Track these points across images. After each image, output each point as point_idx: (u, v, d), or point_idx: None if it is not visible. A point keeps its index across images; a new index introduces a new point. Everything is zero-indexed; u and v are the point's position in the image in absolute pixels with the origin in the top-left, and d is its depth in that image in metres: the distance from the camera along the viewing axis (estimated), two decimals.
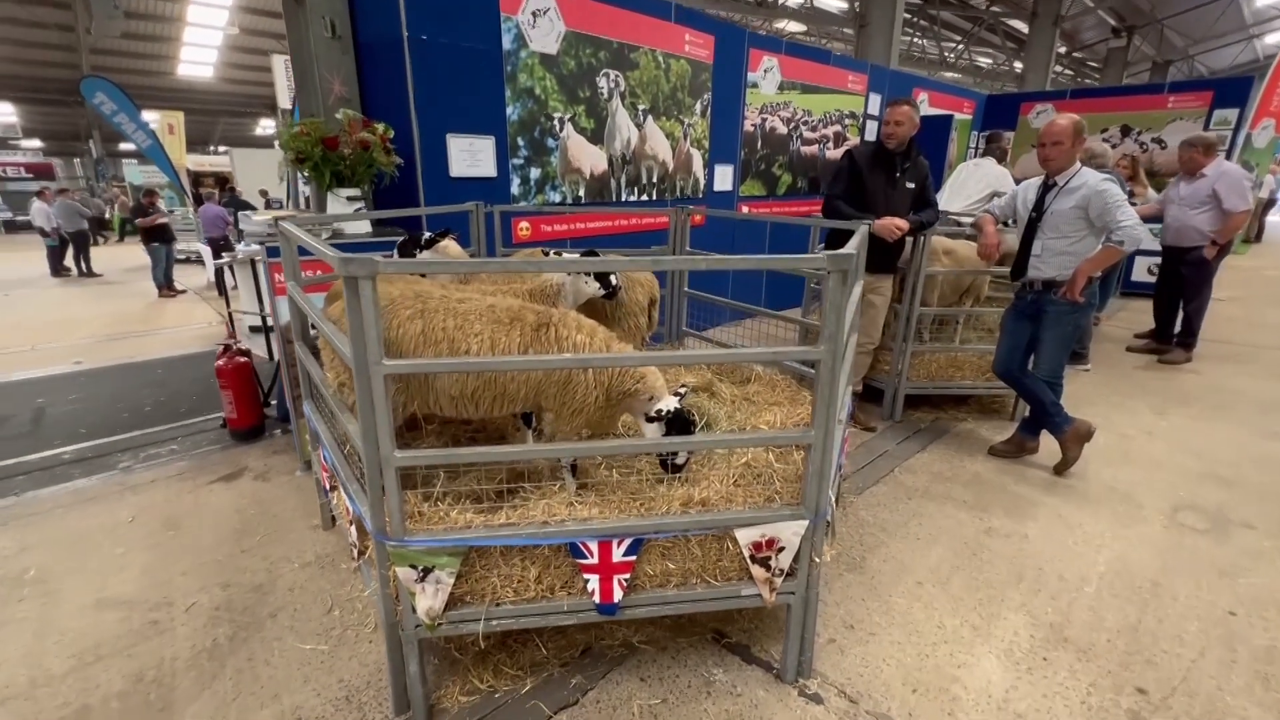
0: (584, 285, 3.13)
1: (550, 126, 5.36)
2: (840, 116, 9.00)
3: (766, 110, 7.81)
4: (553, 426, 2.64)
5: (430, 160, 4.56)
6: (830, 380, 2.09)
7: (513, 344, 2.42)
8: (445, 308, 2.44)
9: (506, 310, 2.50)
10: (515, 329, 2.45)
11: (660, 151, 6.46)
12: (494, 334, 2.41)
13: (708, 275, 6.99)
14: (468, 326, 2.40)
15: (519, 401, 2.51)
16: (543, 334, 2.46)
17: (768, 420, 3.19)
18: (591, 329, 2.55)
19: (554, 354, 2.42)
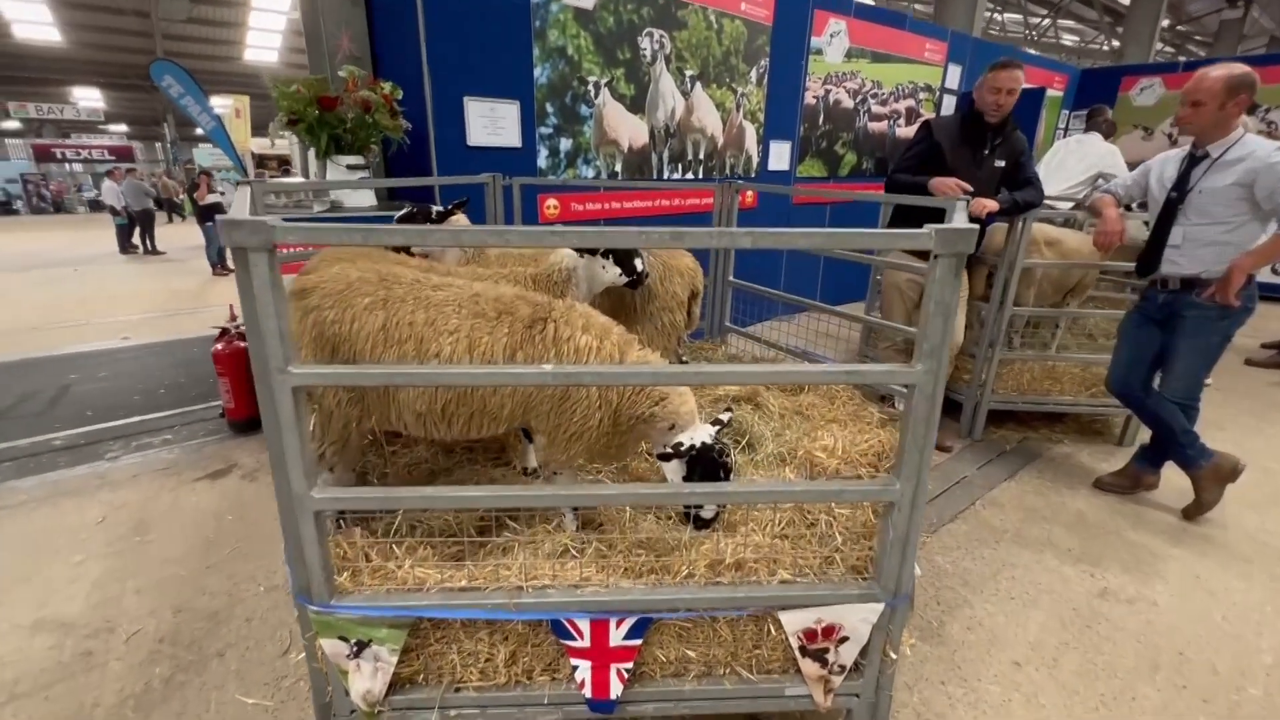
0: (600, 270, 2.55)
1: (584, 92, 4.78)
2: (914, 90, 8.07)
3: (831, 80, 7.01)
4: (545, 453, 2.08)
5: (445, 126, 4.05)
6: (928, 413, 1.44)
7: (497, 345, 1.86)
8: (415, 295, 1.90)
9: (495, 301, 1.95)
10: (502, 325, 1.89)
11: (709, 124, 5.79)
12: (474, 331, 1.87)
13: (757, 262, 6.30)
14: (441, 321, 1.86)
15: (504, 420, 1.96)
16: (537, 333, 1.89)
17: (825, 446, 2.53)
18: (603, 329, 1.97)
19: (548, 360, 1.85)
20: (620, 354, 1.94)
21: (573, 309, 2.00)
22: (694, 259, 3.14)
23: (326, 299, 1.84)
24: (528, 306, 1.96)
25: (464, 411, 1.90)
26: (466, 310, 1.90)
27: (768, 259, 6.89)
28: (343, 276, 1.90)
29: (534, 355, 1.88)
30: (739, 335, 4.20)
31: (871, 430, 2.69)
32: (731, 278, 4.11)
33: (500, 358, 1.86)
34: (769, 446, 2.77)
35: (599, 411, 1.91)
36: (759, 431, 2.89)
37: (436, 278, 2.02)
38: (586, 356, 1.88)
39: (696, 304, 3.12)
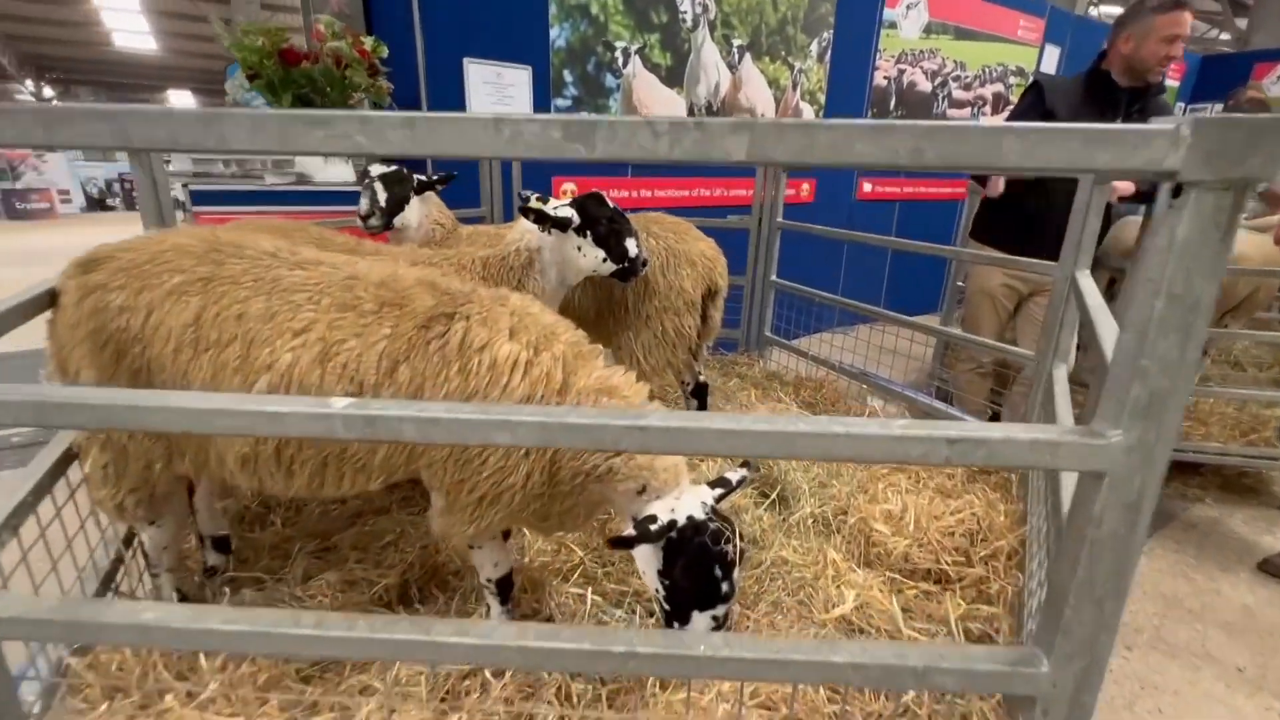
0: (575, 252, 1.87)
1: (610, 59, 4.12)
2: (1003, 73, 7.06)
3: (906, 59, 6.12)
4: (443, 520, 1.40)
5: (441, 92, 3.47)
6: (1129, 531, 0.66)
7: (368, 354, 1.22)
8: (257, 276, 1.27)
9: (379, 287, 1.31)
10: (382, 324, 1.24)
11: (758, 102, 5.03)
12: (335, 332, 1.21)
13: (810, 258, 5.43)
14: (286, 315, 1.23)
15: (376, 472, 1.30)
16: (434, 337, 1.22)
17: (889, 513, 1.75)
18: (544, 333, 1.30)
19: (447, 378, 1.17)
20: (564, 373, 1.25)
21: (501, 302, 1.33)
22: (712, 245, 2.42)
23: (117, 276, 1.23)
24: (429, 296, 1.31)
25: (311, 458, 1.26)
26: (331, 300, 1.26)
27: (821, 255, 6.03)
28: (151, 243, 1.28)
29: (425, 372, 1.21)
30: (782, 349, 3.42)
31: (958, 489, 1.89)
32: (775, 277, 3.35)
33: (372, 374, 1.21)
34: (807, 504, 2.01)
35: (525, 464, 1.21)
36: (794, 481, 2.13)
37: (307, 252, 1.38)
38: (508, 375, 1.20)
39: (716, 305, 2.39)
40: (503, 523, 1.37)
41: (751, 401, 2.84)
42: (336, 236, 1.99)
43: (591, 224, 1.91)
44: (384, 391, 1.22)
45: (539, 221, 1.85)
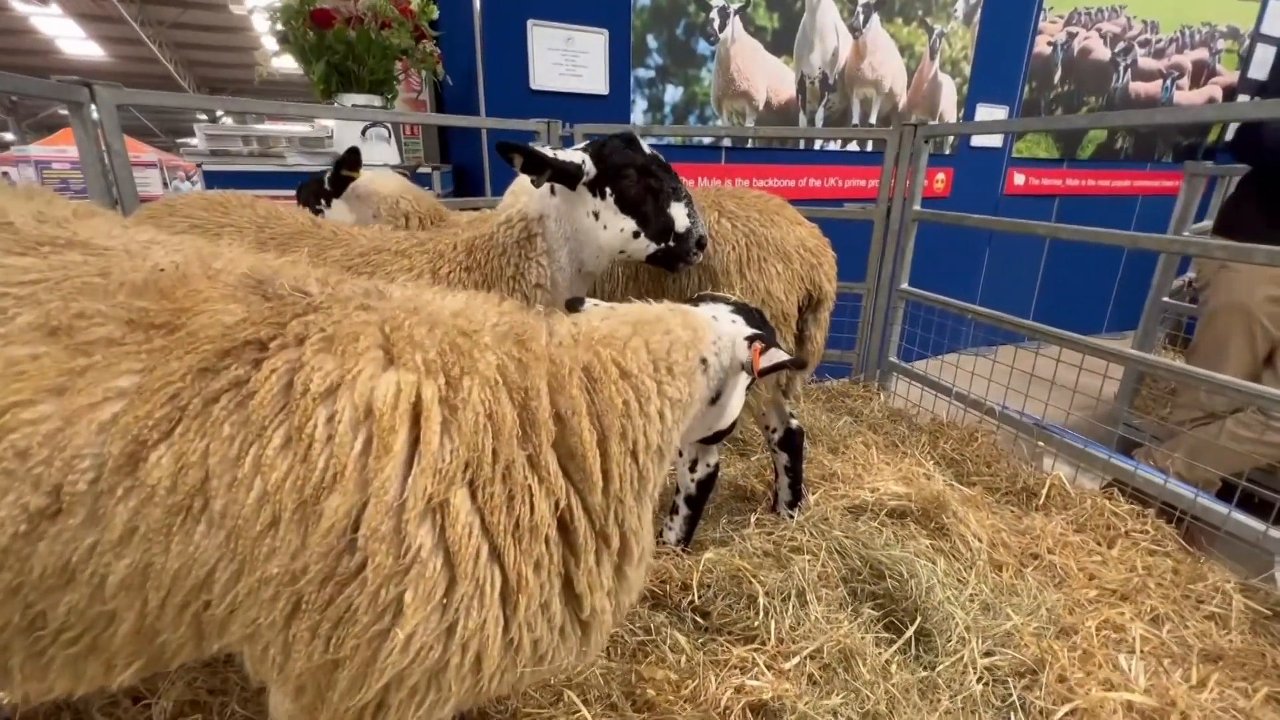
0: (589, 220, 1.28)
1: (704, 21, 3.46)
2: (1209, 35, 5.63)
3: (1079, 19, 4.97)
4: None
5: (499, 61, 2.97)
6: None
7: (81, 432, 0.65)
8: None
9: (147, 291, 0.72)
10: (123, 364, 0.67)
11: (887, 74, 4.15)
12: (29, 363, 0.64)
13: (939, 262, 4.44)
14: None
15: (127, 655, 0.70)
16: (230, 385, 0.68)
17: (1125, 689, 0.93)
18: (454, 333, 0.77)
19: (254, 478, 0.64)
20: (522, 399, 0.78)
21: (364, 302, 0.77)
22: (815, 232, 1.68)
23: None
24: (235, 306, 0.74)
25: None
26: (34, 317, 0.69)
27: (954, 259, 4.99)
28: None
29: (210, 459, 0.66)
30: (908, 379, 2.59)
31: (1241, 652, 1.04)
32: (906, 284, 2.52)
33: (86, 473, 0.65)
34: (958, 640, 1.23)
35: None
36: (940, 604, 1.34)
37: (89, 226, 0.83)
38: (394, 432, 0.69)
39: (819, 319, 1.64)
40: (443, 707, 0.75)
41: (870, 458, 2.05)
42: (288, 213, 1.49)
43: (613, 177, 1.26)
44: (117, 508, 0.66)
45: (532, 169, 1.22)
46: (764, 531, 1.70)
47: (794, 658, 1.25)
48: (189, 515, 0.66)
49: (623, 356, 0.86)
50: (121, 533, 0.65)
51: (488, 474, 0.72)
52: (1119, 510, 1.75)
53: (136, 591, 0.67)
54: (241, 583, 0.67)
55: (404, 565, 0.67)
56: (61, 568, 0.65)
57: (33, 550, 0.64)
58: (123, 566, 0.65)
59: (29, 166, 13.29)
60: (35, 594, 0.65)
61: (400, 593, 0.67)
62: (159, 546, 0.65)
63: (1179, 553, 1.60)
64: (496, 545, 0.72)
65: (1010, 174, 5.19)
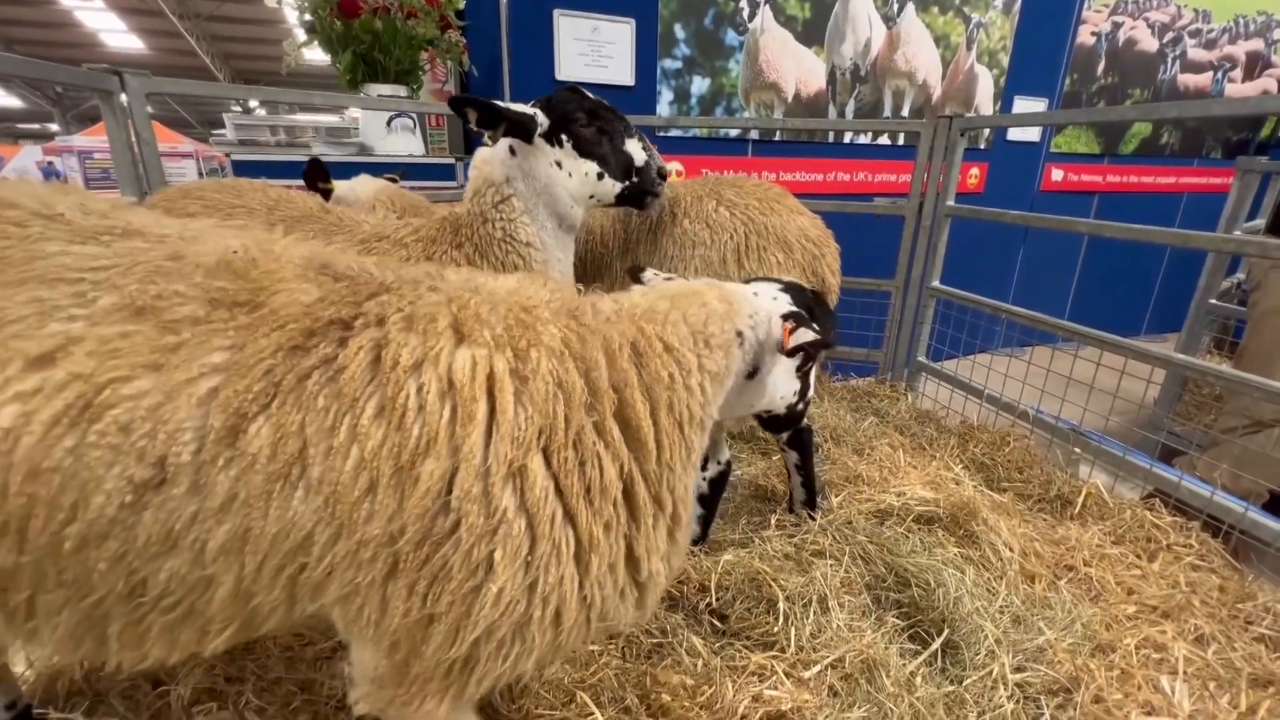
0: (552, 169, 1.38)
1: (733, 11, 3.40)
2: (1266, 24, 5.39)
3: (1125, 8, 4.79)
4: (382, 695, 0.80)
5: (525, 51, 2.95)
6: None
7: (180, 406, 0.68)
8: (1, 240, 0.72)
9: (221, 272, 0.74)
10: (214, 340, 0.70)
11: (921, 65, 4.04)
12: (103, 362, 0.67)
13: (971, 260, 4.33)
14: (16, 329, 0.67)
15: (222, 622, 0.73)
16: (320, 362, 0.73)
17: None
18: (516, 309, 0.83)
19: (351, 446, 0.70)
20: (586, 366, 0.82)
21: (431, 283, 0.81)
22: (817, 222, 1.66)
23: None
24: (310, 286, 0.76)
25: (68, 594, 0.69)
26: (118, 298, 0.70)
27: (987, 258, 4.85)
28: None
29: (307, 429, 0.71)
30: (936, 379, 2.51)
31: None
32: (937, 282, 2.44)
33: (190, 444, 0.68)
34: (987, 654, 1.19)
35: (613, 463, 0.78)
36: (968, 614, 1.29)
37: (139, 216, 0.83)
38: (476, 402, 0.74)
39: (823, 313, 1.59)
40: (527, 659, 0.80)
41: (897, 460, 1.99)
42: (298, 197, 1.49)
43: (566, 123, 1.32)
44: (218, 476, 0.68)
45: (487, 122, 1.26)
46: (785, 534, 1.66)
47: (814, 666, 1.21)
48: (287, 482, 0.69)
49: (664, 331, 0.89)
50: (223, 500, 0.68)
51: (560, 440, 0.76)
52: (1160, 522, 1.66)
53: (235, 556, 0.70)
54: (339, 545, 0.71)
55: (493, 525, 0.72)
56: (165, 535, 0.68)
57: (138, 519, 0.67)
58: (223, 532, 0.69)
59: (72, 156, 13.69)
60: (139, 561, 0.68)
61: (490, 551, 0.71)
62: (258, 512, 0.69)
63: (1225, 569, 1.51)
64: (570, 508, 0.77)
65: (1048, 169, 5.02)
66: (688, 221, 1.60)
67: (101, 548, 0.67)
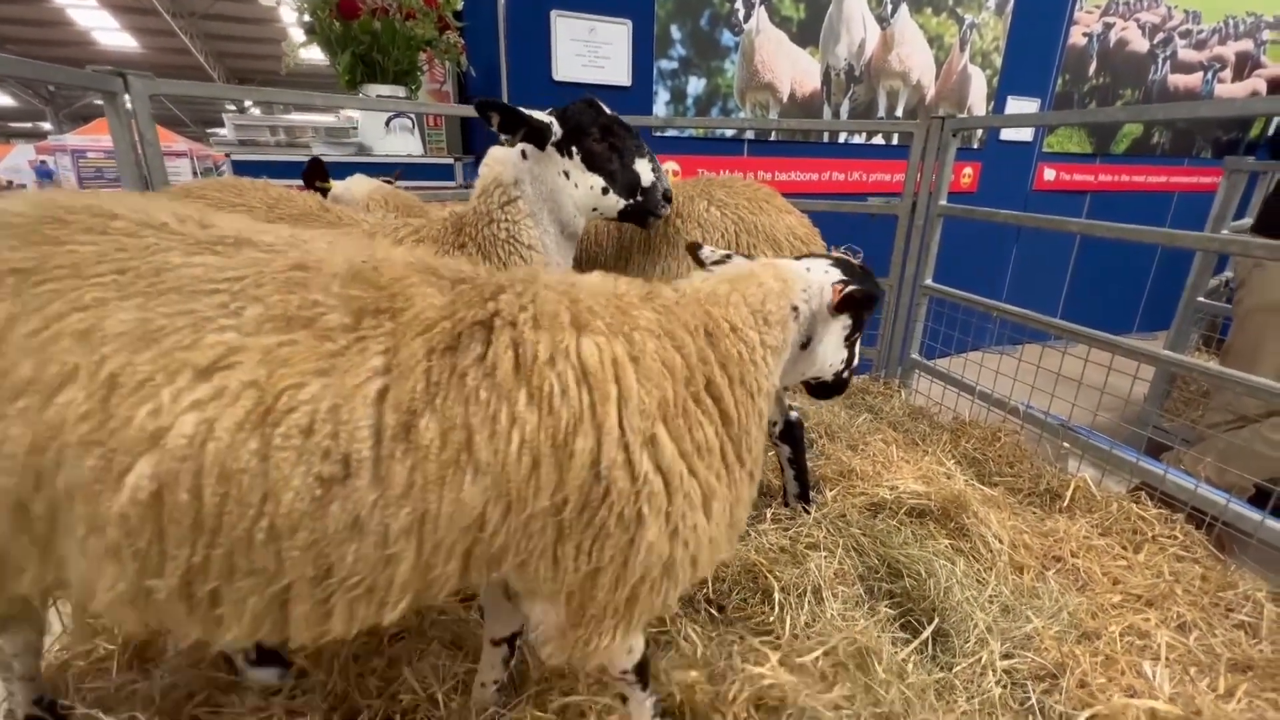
0: (560, 178, 1.44)
1: (729, 11, 3.43)
2: (1255, 25, 5.45)
3: (1116, 9, 4.84)
4: (563, 641, 0.95)
5: (523, 52, 2.97)
6: None
7: (357, 408, 0.76)
8: (124, 264, 0.77)
9: (355, 281, 0.82)
10: (370, 347, 0.78)
11: (914, 66, 4.08)
12: (275, 371, 0.74)
13: (965, 260, 4.39)
14: (176, 340, 0.73)
15: (402, 591, 0.81)
16: (473, 361, 0.82)
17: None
18: (615, 305, 0.94)
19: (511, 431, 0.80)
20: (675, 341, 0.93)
21: (532, 283, 0.92)
22: (805, 221, 1.71)
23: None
24: (435, 291, 0.85)
25: (253, 590, 0.75)
26: (264, 309, 0.77)
27: (981, 256, 4.90)
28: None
29: (471, 421, 0.79)
30: (929, 376, 2.55)
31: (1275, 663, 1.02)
32: (929, 281, 2.48)
33: (367, 440, 0.75)
34: (977, 642, 1.22)
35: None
36: (956, 600, 1.33)
37: (230, 222, 0.88)
38: (616, 388, 0.84)
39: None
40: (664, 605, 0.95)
41: (890, 455, 2.02)
42: (298, 196, 1.52)
43: (578, 136, 1.35)
44: (396, 468, 0.75)
45: (509, 126, 1.30)
46: (780, 527, 1.69)
47: (808, 655, 1.24)
48: (458, 468, 0.77)
49: (729, 313, 0.99)
50: (402, 488, 0.75)
51: (672, 410, 0.88)
52: (1146, 514, 1.70)
53: (415, 535, 0.77)
54: (511, 519, 0.80)
55: (638, 487, 0.83)
56: (351, 522, 0.74)
57: (325, 511, 0.73)
58: (404, 515, 0.75)
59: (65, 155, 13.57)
60: (329, 548, 0.75)
61: (639, 508, 0.83)
62: (434, 495, 0.76)
63: (1208, 559, 1.55)
64: (691, 466, 0.88)
65: (1040, 169, 5.07)
66: (680, 221, 1.63)
67: (293, 538, 0.73)
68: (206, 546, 0.72)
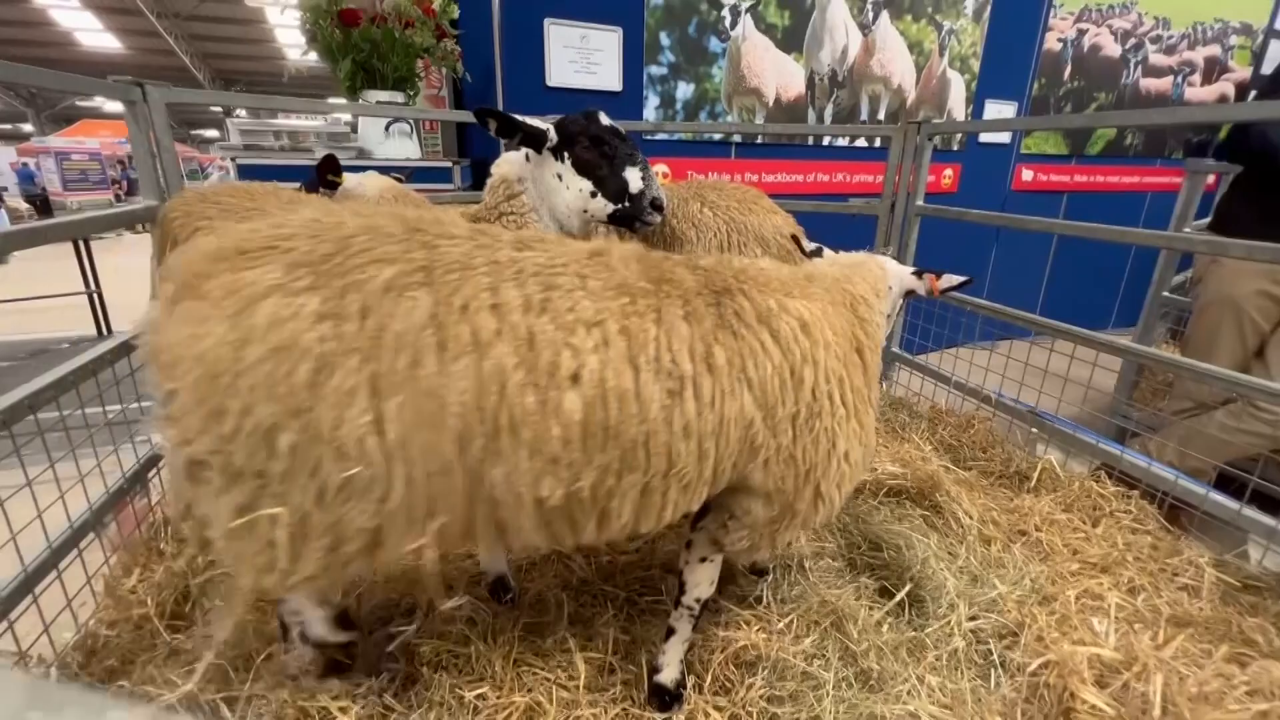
0: (554, 180, 1.57)
1: (716, 19, 3.54)
2: (1221, 31, 5.64)
3: (1090, 16, 5.00)
4: (759, 534, 1.22)
5: (517, 59, 3.07)
6: None
7: (678, 342, 1.04)
8: (484, 259, 0.99)
9: (640, 262, 1.13)
10: (673, 302, 1.08)
11: (895, 71, 4.22)
12: (631, 322, 1.02)
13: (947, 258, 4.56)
14: (559, 308, 1.00)
15: (701, 486, 1.11)
16: (733, 312, 1.12)
17: (1093, 675, 1.05)
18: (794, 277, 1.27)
19: (766, 360, 1.10)
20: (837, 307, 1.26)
21: (741, 266, 1.22)
22: (791, 220, 1.84)
23: (299, 273, 0.88)
24: (686, 270, 1.16)
25: (633, 486, 1.02)
26: (600, 282, 1.04)
27: (962, 255, 5.05)
28: (319, 227, 0.95)
29: (742, 350, 1.09)
30: (909, 369, 2.68)
31: (1207, 615, 1.15)
32: None
33: (688, 364, 1.03)
34: (948, 606, 1.34)
35: None
36: (934, 572, 1.45)
37: (483, 234, 1.07)
38: (824, 334, 1.16)
39: None
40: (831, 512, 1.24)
41: None
42: (308, 200, 1.61)
43: (570, 143, 1.48)
44: (705, 383, 1.03)
45: (505, 131, 1.45)
46: None
47: (787, 618, 1.35)
48: (740, 383, 1.05)
49: (863, 289, 1.30)
50: (709, 399, 1.01)
51: (849, 354, 1.19)
52: (1105, 492, 1.83)
53: (717, 436, 1.04)
54: (766, 424, 1.08)
55: (837, 410, 1.13)
56: (684, 426, 1.00)
57: (671, 418, 0.99)
58: (711, 419, 1.02)
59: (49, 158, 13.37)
60: (674, 446, 1.00)
61: (837, 425, 1.13)
62: (729, 403, 1.03)
63: (1160, 531, 1.68)
64: (857, 402, 1.16)
65: (1018, 170, 5.23)
66: (675, 222, 1.75)
67: (656, 440, 0.99)
68: (612, 452, 0.97)
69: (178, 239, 1.48)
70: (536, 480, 0.95)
